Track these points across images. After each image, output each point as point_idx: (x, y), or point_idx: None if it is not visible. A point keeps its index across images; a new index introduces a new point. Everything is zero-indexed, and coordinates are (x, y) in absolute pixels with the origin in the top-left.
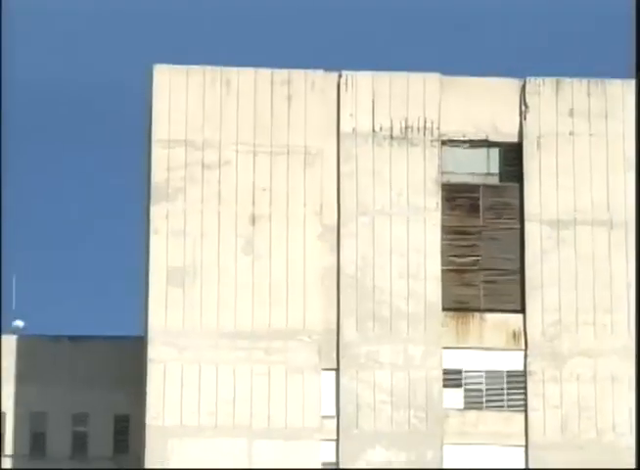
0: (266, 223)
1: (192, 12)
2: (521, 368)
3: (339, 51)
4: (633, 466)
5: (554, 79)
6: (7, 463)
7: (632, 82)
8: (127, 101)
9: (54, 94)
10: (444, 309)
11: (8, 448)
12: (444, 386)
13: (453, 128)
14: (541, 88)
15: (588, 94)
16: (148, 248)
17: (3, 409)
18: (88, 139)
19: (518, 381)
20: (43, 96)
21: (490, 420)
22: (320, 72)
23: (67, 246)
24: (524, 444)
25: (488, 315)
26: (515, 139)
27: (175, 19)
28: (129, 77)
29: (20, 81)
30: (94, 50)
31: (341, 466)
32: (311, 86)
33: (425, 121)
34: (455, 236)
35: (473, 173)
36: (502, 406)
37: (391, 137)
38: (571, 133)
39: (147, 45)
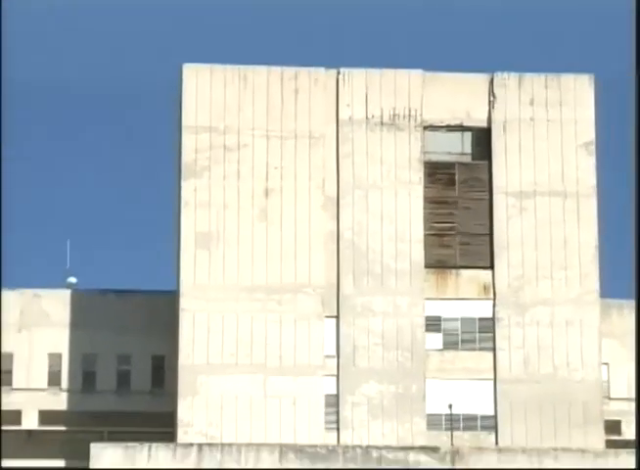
0: (277, 196)
1: (215, 19)
2: (490, 315)
3: (337, 52)
4: (583, 396)
5: (517, 74)
6: (63, 397)
7: (584, 76)
8: (160, 95)
9: (103, 90)
10: (426, 267)
11: (64, 384)
12: (426, 330)
13: (433, 116)
14: (506, 82)
15: (546, 86)
16: (179, 217)
17: (59, 351)
18: (128, 127)
19: (487, 326)
20: (94, 92)
21: (465, 358)
22: (322, 70)
23: (113, 216)
24: (492, 378)
25: (463, 271)
26: (484, 124)
27: (201, 25)
28: (161, 75)
29: (71, 77)
30: (134, 52)
31: (339, 396)
32: (315, 81)
33: (409, 110)
34: (435, 205)
35: (449, 153)
36: (474, 347)
37: (382, 123)
38: (531, 119)
39: (176, 48)
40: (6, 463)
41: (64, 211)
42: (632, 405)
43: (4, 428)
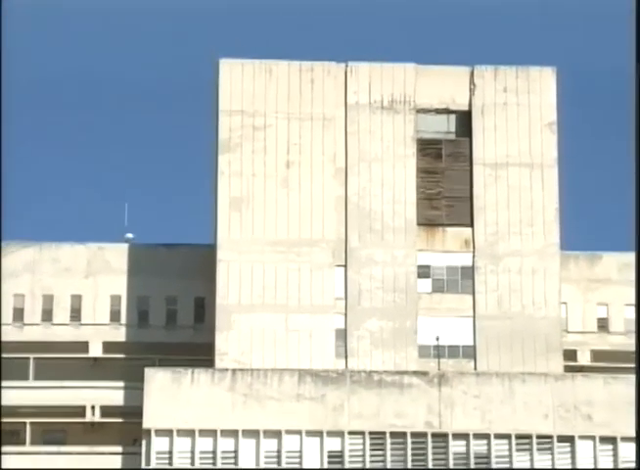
0: (296, 167)
1: (246, 20)
2: (470, 264)
3: (346, 48)
4: (546, 329)
5: (493, 67)
6: (122, 331)
7: (548, 68)
8: (200, 85)
9: (154, 81)
10: (418, 225)
11: (122, 320)
12: (418, 277)
13: (424, 101)
14: (484, 73)
15: (516, 77)
16: (216, 184)
17: (119, 293)
18: (175, 112)
19: (468, 273)
20: (148, 84)
21: (449, 300)
22: (333, 63)
23: (163, 184)
24: (472, 315)
25: (448, 229)
26: (466, 108)
27: (234, 25)
28: (201, 68)
29: (119, 69)
30: (179, 49)
31: (347, 330)
32: (327, 73)
33: (405, 96)
34: (425, 174)
35: (437, 132)
36: (457, 290)
37: (382, 107)
38: (504, 103)
39: (213, 44)
40: (76, 385)
41: (124, 179)
42: (586, 337)
43: (75, 355)
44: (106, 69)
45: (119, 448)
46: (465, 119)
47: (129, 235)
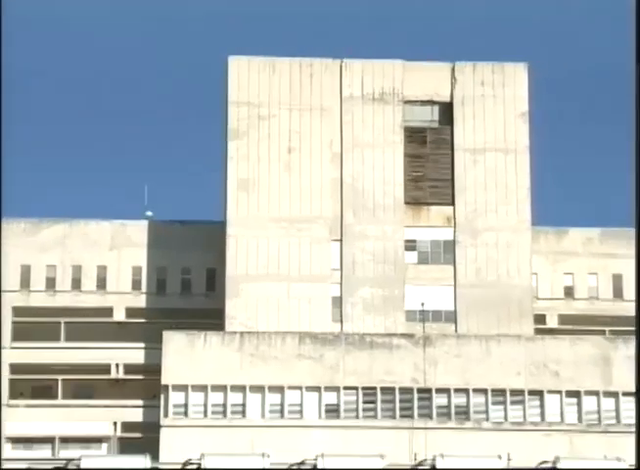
0: (297, 152)
1: (253, 18)
2: (451, 239)
3: (341, 47)
4: (518, 296)
5: (472, 63)
6: (142, 298)
7: (521, 64)
8: (211, 80)
9: (167, 79)
10: (405, 203)
11: (143, 288)
12: (405, 249)
13: (411, 93)
14: (464, 68)
15: (492, 72)
16: (226, 167)
17: (140, 264)
18: (190, 103)
19: (449, 246)
20: (165, 79)
21: (433, 270)
22: (330, 60)
23: (178, 167)
24: (453, 284)
25: (432, 207)
26: (448, 99)
27: (241, 25)
28: (211, 65)
29: (136, 60)
30: (192, 47)
31: (342, 298)
32: (324, 68)
33: (394, 89)
34: (412, 159)
35: (422, 121)
36: (440, 262)
37: (373, 99)
38: (482, 96)
39: (222, 43)
40: (102, 346)
41: (145, 163)
42: (554, 303)
43: (101, 319)
44: (129, 65)
45: (140, 402)
46: (447, 110)
47: (149, 213)
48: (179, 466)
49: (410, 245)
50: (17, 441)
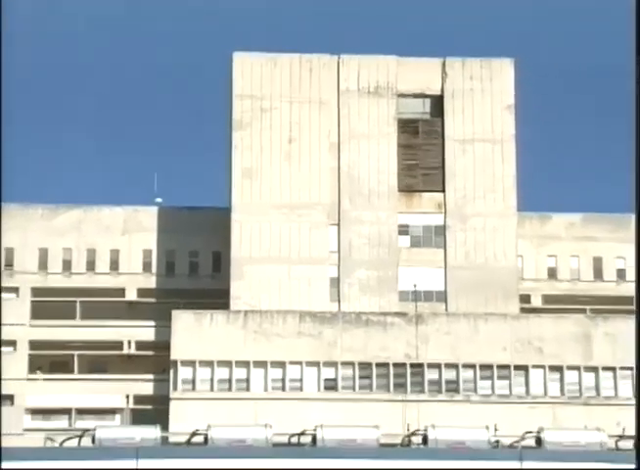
0: (297, 142)
1: (258, 15)
2: (442, 224)
3: (339, 43)
4: (505, 277)
5: (461, 58)
6: (153, 279)
7: (507, 59)
8: (217, 75)
9: (176, 74)
10: (399, 190)
11: (153, 270)
12: (399, 234)
13: (404, 87)
14: (454, 64)
15: (481, 67)
16: (230, 157)
17: (150, 248)
18: (197, 97)
19: (440, 231)
20: (175, 73)
21: (425, 253)
22: (328, 56)
23: (187, 157)
24: (443, 266)
25: (424, 194)
26: (439, 93)
27: (244, 23)
28: (217, 61)
29: (150, 53)
30: (199, 44)
31: (340, 279)
32: (323, 64)
33: (388, 83)
34: (405, 148)
35: (415, 113)
36: (431, 245)
37: (369, 92)
38: (471, 89)
39: (227, 40)
40: (115, 324)
41: (154, 153)
42: (538, 284)
43: (114, 299)
44: (142, 61)
45: (151, 376)
46: (438, 103)
47: (158, 199)
48: (187, 436)
49: (403, 229)
50: (36, 412)
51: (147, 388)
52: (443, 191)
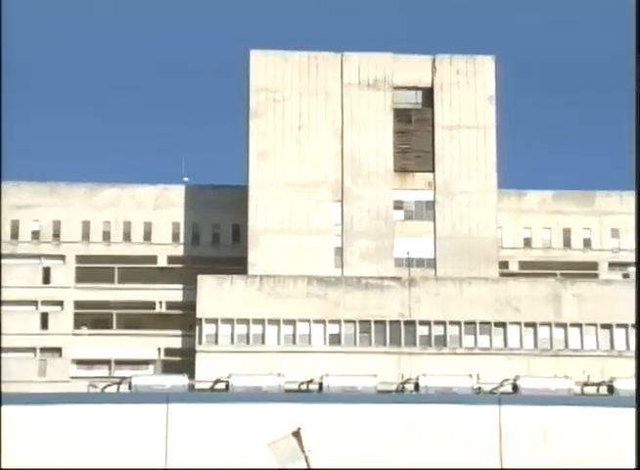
0: (306, 129)
1: (272, 15)
2: (432, 199)
3: (342, 43)
4: (486, 246)
5: (448, 55)
6: (180, 248)
7: (488, 56)
8: (237, 70)
9: (203, 70)
10: (394, 171)
11: (181, 240)
12: (394, 208)
13: (399, 81)
14: (442, 60)
15: (466, 62)
16: (247, 142)
17: (178, 221)
18: (219, 90)
19: (430, 206)
20: (195, 71)
21: (417, 225)
22: (332, 53)
23: (211, 142)
24: (433, 236)
25: (416, 174)
26: (429, 85)
27: (261, 24)
28: (237, 58)
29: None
30: (222, 43)
31: (343, 248)
32: (328, 60)
33: (385, 77)
34: (400, 134)
35: (408, 103)
36: (423, 218)
37: (368, 85)
38: (457, 82)
39: (246, 39)
40: (148, 287)
41: (183, 137)
42: (515, 251)
43: (147, 265)
44: (176, 59)
45: (179, 332)
46: (428, 94)
47: (185, 179)
48: (211, 383)
49: (398, 205)
50: (80, 362)
51: (176, 342)
52: (433, 171)
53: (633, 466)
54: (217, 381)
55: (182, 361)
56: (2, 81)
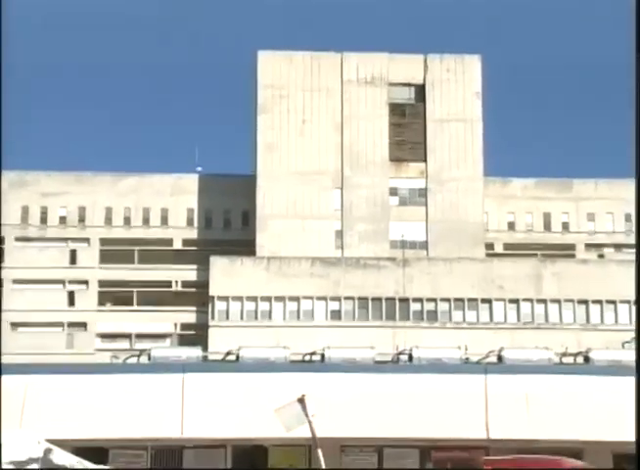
0: (309, 123)
1: (277, 17)
2: (424, 187)
3: (341, 43)
4: (474, 229)
5: (438, 55)
6: (194, 231)
7: (475, 55)
8: (246, 69)
9: (216, 70)
10: (390, 160)
11: (194, 224)
12: (390, 195)
13: (394, 78)
14: (433, 59)
15: (455, 61)
16: (255, 135)
17: (192, 207)
18: (230, 87)
19: (423, 192)
20: (209, 71)
21: (411, 210)
22: (333, 53)
23: (222, 135)
24: (425, 220)
25: (410, 164)
26: (422, 82)
27: (268, 27)
28: (245, 58)
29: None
30: (233, 45)
31: (343, 231)
32: (329, 60)
33: (381, 75)
34: (395, 127)
35: (403, 98)
36: (416, 203)
37: (366, 82)
38: (447, 80)
39: (254, 40)
40: (165, 267)
41: (197, 130)
42: (499, 234)
43: (164, 247)
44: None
45: (194, 308)
46: (421, 90)
47: (199, 168)
48: (222, 355)
49: (393, 191)
50: (104, 336)
51: (190, 317)
52: (425, 161)
53: (605, 426)
54: (228, 353)
55: (196, 335)
56: (32, 80)
